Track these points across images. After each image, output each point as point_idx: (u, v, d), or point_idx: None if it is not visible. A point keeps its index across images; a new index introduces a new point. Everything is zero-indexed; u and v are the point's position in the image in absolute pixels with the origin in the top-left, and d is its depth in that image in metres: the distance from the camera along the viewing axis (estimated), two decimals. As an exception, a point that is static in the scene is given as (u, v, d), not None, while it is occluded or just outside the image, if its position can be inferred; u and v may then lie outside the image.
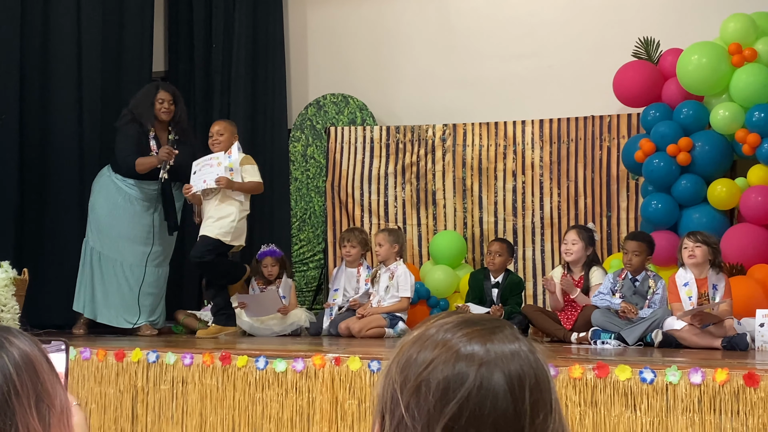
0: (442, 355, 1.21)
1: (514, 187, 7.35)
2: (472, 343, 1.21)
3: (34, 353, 1.47)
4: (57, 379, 1.51)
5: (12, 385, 1.42)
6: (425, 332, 1.26)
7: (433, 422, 1.17)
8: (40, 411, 1.44)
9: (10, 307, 5.45)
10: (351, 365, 4.16)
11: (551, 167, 7.24)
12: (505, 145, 7.40)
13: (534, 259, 7.25)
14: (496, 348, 1.21)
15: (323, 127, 8.05)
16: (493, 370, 1.19)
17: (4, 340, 1.46)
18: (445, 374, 1.19)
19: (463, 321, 1.26)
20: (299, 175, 8.14)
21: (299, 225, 8.09)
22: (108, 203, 6.46)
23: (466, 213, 7.48)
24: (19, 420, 1.41)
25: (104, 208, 6.47)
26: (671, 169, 6.30)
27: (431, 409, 1.18)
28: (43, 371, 1.47)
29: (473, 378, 1.18)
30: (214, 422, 4.47)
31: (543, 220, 7.24)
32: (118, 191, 6.46)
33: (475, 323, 1.25)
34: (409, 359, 1.23)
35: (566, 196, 7.19)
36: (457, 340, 1.22)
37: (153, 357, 4.66)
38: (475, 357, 1.20)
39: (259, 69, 8.22)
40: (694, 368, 3.60)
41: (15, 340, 1.47)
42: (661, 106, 6.57)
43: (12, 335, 1.48)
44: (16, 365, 1.44)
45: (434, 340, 1.23)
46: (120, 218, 6.44)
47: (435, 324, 1.27)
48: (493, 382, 1.18)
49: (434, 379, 1.19)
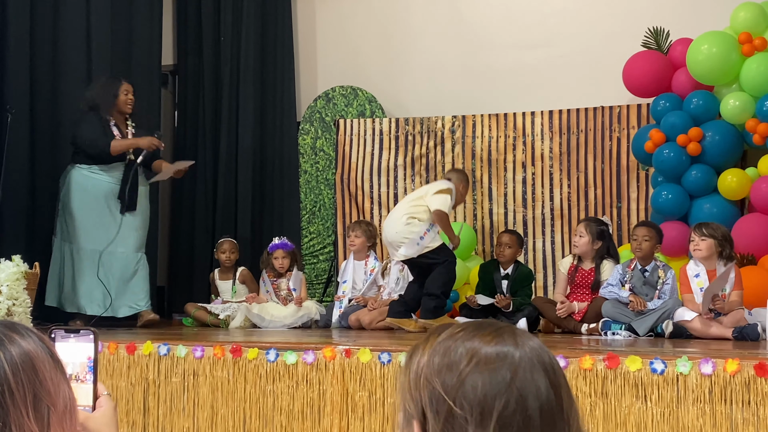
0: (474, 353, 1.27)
1: (524, 178, 7.34)
2: (500, 344, 1.28)
3: (36, 352, 1.44)
4: (62, 377, 1.47)
5: (6, 386, 1.39)
6: (453, 332, 1.32)
7: (486, 415, 1.23)
8: (38, 411, 1.41)
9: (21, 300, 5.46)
10: (361, 357, 4.17)
11: (561, 158, 7.23)
12: (514, 137, 7.39)
13: (544, 250, 7.24)
14: (526, 343, 1.29)
15: (332, 119, 8.05)
16: (532, 366, 1.27)
17: (4, 338, 1.43)
18: (489, 369, 1.25)
19: (480, 324, 1.33)
20: (309, 167, 8.14)
21: (309, 217, 8.09)
22: (82, 195, 6.41)
23: (475, 205, 7.47)
24: (12, 420, 1.38)
25: (79, 201, 6.41)
26: (681, 160, 6.28)
27: (482, 401, 1.24)
28: (44, 370, 1.43)
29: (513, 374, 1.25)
30: (225, 414, 4.48)
31: (553, 211, 7.23)
32: (86, 181, 6.42)
33: (489, 326, 1.32)
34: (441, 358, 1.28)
35: (576, 187, 7.18)
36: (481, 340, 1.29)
37: (164, 350, 4.68)
38: (508, 355, 1.27)
39: (267, 61, 8.22)
40: (704, 359, 3.59)
41: (17, 338, 1.44)
42: (671, 96, 6.55)
43: (15, 332, 1.45)
44: (13, 364, 1.40)
45: (460, 339, 1.30)
46: (93, 208, 6.41)
47: (460, 326, 1.33)
48: (534, 375, 1.26)
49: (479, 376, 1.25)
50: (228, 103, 8.15)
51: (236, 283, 7.09)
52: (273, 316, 6.52)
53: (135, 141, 6.41)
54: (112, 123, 6.48)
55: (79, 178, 6.41)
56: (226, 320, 6.69)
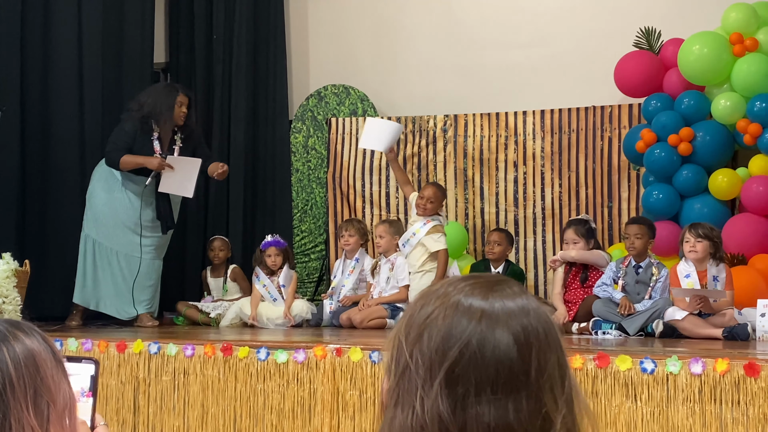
0: (442, 306, 1.23)
1: (516, 177, 7.35)
2: (473, 295, 1.23)
3: (39, 350, 1.48)
4: (63, 376, 1.51)
5: (8, 380, 1.43)
6: (431, 289, 1.28)
7: (435, 366, 1.19)
8: (38, 407, 1.45)
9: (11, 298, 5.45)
10: (352, 356, 4.17)
11: (552, 158, 7.24)
12: (506, 136, 7.40)
13: (535, 249, 7.25)
14: (497, 301, 1.23)
15: (324, 118, 8.05)
16: (496, 323, 1.20)
17: (9, 335, 1.48)
18: (446, 323, 1.21)
19: (469, 276, 1.30)
20: (300, 166, 8.13)
21: (301, 216, 8.09)
22: (105, 192, 6.44)
23: (467, 204, 7.48)
24: (12, 414, 1.42)
25: (101, 197, 6.44)
26: (672, 160, 6.29)
27: (433, 354, 1.20)
28: (46, 368, 1.47)
29: (473, 328, 1.20)
30: (215, 413, 4.48)
31: (544, 210, 7.24)
32: (115, 181, 6.43)
33: (479, 277, 1.28)
34: (413, 313, 1.26)
35: (567, 186, 7.19)
36: (458, 293, 1.24)
37: (155, 348, 4.67)
38: (473, 309, 1.22)
39: (260, 60, 8.21)
40: (694, 358, 3.61)
41: (21, 335, 1.48)
42: (662, 96, 6.56)
43: (20, 330, 1.49)
44: (15, 360, 1.45)
45: (437, 294, 1.26)
46: (116, 208, 6.42)
47: (443, 282, 1.30)
48: (496, 333, 1.19)
49: (435, 327, 1.21)
50: (220, 101, 8.14)
51: (227, 281, 7.09)
52: (266, 317, 6.52)
53: (146, 160, 6.31)
54: (155, 136, 6.40)
55: (109, 177, 6.41)
56: (217, 319, 6.69)
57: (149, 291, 6.53)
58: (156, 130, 6.40)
